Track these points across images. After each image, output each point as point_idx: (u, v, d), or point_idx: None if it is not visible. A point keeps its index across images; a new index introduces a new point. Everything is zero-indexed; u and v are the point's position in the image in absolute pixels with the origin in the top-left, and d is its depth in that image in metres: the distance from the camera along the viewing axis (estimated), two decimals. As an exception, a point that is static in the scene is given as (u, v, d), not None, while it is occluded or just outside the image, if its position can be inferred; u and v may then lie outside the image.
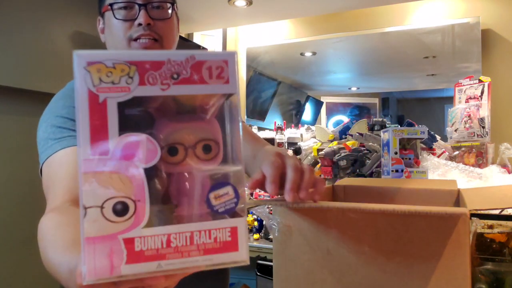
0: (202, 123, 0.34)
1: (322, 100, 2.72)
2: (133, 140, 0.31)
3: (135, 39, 0.81)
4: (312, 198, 0.55)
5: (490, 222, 0.61)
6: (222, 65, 0.33)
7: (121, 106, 0.31)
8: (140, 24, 0.81)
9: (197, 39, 2.77)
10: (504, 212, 0.73)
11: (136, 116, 0.32)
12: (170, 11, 0.86)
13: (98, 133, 0.31)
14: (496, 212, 0.71)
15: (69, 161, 0.70)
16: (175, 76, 0.32)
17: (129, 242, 0.31)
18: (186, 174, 0.33)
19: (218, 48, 2.79)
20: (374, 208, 0.53)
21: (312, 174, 0.54)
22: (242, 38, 2.86)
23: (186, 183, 0.33)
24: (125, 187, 0.31)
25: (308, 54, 2.76)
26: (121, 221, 0.31)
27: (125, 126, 0.31)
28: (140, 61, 0.32)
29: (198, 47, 2.43)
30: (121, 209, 0.31)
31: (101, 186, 0.31)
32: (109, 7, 0.82)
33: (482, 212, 0.66)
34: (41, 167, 0.75)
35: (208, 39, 2.84)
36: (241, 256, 0.33)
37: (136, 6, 0.82)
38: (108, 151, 0.31)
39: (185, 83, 0.32)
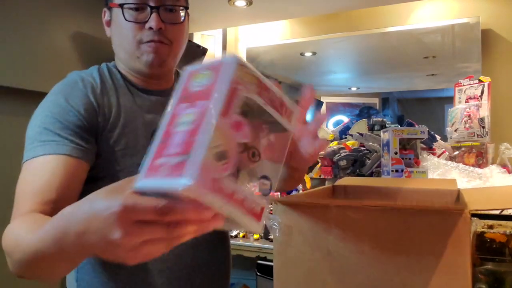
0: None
1: (322, 100, 2.72)
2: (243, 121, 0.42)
3: (145, 42, 0.80)
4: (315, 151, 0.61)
5: (490, 222, 0.62)
6: (294, 110, 0.48)
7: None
8: (151, 28, 0.79)
9: (197, 39, 2.77)
10: (504, 212, 0.73)
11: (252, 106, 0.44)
12: (182, 14, 0.84)
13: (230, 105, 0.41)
14: (496, 212, 0.71)
15: (45, 170, 0.70)
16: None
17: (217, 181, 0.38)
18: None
19: (218, 49, 2.79)
20: (373, 205, 0.55)
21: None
22: (242, 38, 2.86)
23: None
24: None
25: (308, 54, 2.77)
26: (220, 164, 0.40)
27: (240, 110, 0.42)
28: (263, 84, 0.45)
29: (198, 47, 2.43)
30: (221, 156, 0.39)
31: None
32: (119, 6, 0.80)
33: (482, 212, 0.66)
34: (22, 163, 0.75)
35: (208, 39, 2.84)
36: (257, 228, 0.42)
37: (148, 9, 0.79)
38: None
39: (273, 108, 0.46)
